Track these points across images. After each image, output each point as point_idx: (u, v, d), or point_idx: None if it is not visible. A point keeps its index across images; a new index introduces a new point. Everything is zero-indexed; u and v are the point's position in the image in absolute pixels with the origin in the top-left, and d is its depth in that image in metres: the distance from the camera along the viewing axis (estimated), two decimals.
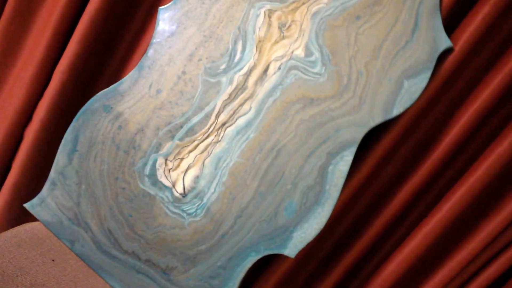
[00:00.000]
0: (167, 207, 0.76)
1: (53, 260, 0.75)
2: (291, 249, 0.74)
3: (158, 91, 0.76)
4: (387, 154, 0.82)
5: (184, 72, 0.75)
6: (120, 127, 0.77)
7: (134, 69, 0.76)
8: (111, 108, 0.77)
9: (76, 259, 0.78)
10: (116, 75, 0.93)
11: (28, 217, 0.95)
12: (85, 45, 0.87)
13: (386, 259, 0.85)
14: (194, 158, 0.75)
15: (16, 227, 0.76)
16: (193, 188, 0.75)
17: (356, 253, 0.87)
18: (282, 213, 0.74)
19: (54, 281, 0.71)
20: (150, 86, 0.76)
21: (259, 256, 0.75)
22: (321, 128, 0.73)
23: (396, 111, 0.72)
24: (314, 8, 0.73)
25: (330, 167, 0.73)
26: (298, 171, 0.73)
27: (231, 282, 0.75)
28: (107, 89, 0.77)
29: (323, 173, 0.73)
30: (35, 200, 0.80)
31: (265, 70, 0.74)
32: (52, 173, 0.79)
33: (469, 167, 0.80)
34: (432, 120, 0.80)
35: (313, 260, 0.93)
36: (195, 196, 0.75)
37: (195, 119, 0.75)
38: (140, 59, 0.79)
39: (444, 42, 0.72)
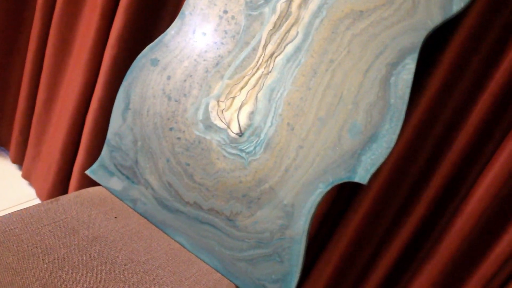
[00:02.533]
0: (224, 150, 0.72)
1: (115, 217, 0.73)
2: (362, 175, 0.67)
3: (203, 34, 0.74)
4: (456, 67, 0.74)
5: (225, 11, 0.74)
6: (169, 77, 0.75)
7: (176, 19, 0.76)
8: (158, 60, 0.76)
9: (139, 216, 0.75)
10: None
11: None
12: (129, 17, 0.88)
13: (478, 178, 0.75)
14: (246, 94, 0.72)
15: (78, 190, 0.76)
16: (249, 126, 0.71)
17: (445, 172, 0.78)
18: (346, 136, 0.68)
19: (117, 235, 0.69)
20: (194, 31, 0.75)
21: (329, 187, 0.68)
22: (375, 40, 0.67)
23: (456, 7, 0.66)
24: None
25: (392, 79, 0.67)
26: (357, 88, 0.68)
27: (301, 220, 0.69)
28: (152, 43, 0.77)
29: (385, 86, 0.67)
30: (95, 166, 0.79)
31: None
32: (109, 136, 0.78)
33: None
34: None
35: (399, 189, 0.84)
36: (252, 133, 0.71)
37: (243, 55, 0.72)
38: None
39: None
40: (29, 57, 1.06)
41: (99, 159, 0.79)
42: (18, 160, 1.20)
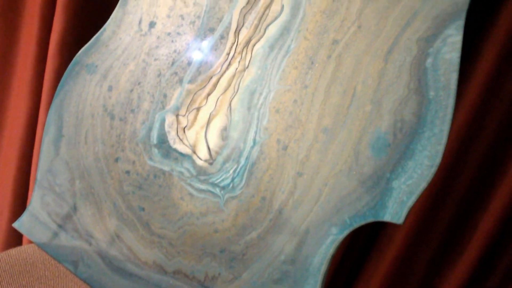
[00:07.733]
0: (190, 185, 0.50)
1: None
2: (395, 210, 0.44)
3: (151, 25, 0.53)
4: None
5: None
6: (110, 88, 0.54)
7: (116, 8, 0.55)
8: (96, 66, 0.55)
9: (81, 284, 0.54)
10: None
11: None
12: (70, 14, 0.68)
13: None
14: (216, 102, 0.50)
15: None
16: (222, 148, 0.49)
17: None
18: (366, 153, 0.45)
19: None
20: (140, 21, 0.53)
21: (345, 233, 0.45)
22: (398, 4, 0.45)
23: None
24: None
25: (429, 60, 0.43)
26: (377, 80, 0.45)
27: (308, 283, 0.46)
28: (87, 44, 0.56)
29: (418, 72, 0.44)
30: (24, 216, 0.58)
31: None
32: (39, 174, 0.57)
33: None
34: None
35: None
36: (228, 159, 0.49)
37: (207, 47, 0.50)
38: None
39: None
40: None
41: (29, 207, 0.58)
42: None
